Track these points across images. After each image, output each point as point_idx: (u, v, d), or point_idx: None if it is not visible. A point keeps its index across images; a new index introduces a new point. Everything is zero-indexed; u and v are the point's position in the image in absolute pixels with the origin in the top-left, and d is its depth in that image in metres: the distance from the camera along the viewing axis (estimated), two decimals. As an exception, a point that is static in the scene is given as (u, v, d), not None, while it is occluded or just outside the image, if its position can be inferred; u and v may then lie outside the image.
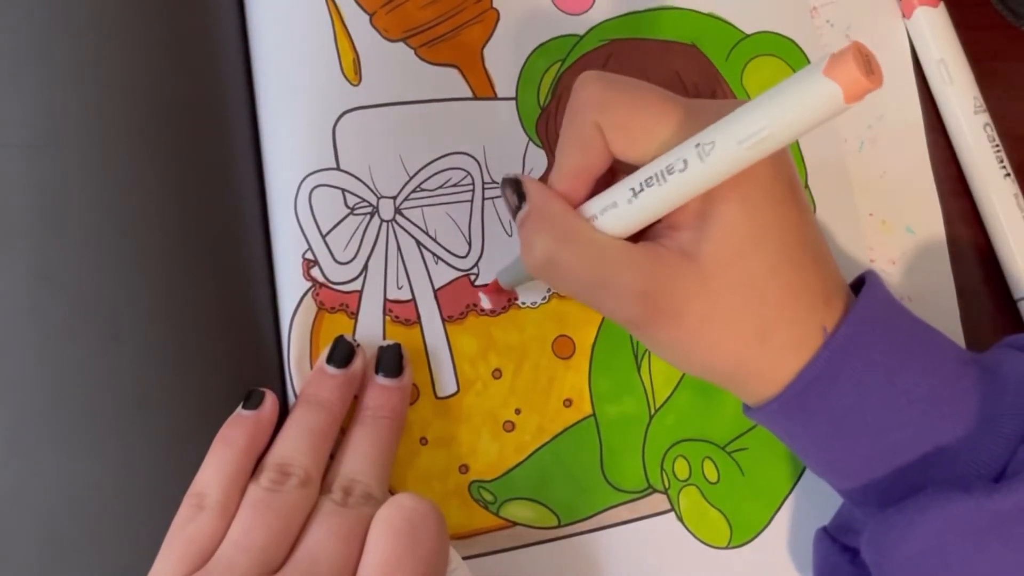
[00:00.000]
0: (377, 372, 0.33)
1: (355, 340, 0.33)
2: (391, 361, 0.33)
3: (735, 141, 0.25)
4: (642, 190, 0.27)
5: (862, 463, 0.29)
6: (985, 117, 0.38)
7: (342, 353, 0.32)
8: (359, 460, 0.31)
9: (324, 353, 0.32)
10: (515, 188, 0.30)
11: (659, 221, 0.29)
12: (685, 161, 0.26)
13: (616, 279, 0.28)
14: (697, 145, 0.26)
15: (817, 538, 0.32)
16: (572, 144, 0.29)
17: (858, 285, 0.31)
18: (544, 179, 0.30)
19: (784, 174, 0.29)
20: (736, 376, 0.29)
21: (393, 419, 0.32)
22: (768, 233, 0.28)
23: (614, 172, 0.30)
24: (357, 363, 0.32)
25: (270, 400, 0.31)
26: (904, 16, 0.40)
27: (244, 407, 0.31)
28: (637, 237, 0.29)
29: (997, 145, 0.38)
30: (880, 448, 0.28)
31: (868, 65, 0.22)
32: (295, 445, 0.30)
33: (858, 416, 0.28)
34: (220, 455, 0.29)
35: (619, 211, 0.28)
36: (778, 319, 0.28)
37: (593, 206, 0.29)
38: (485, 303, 0.35)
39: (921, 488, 0.27)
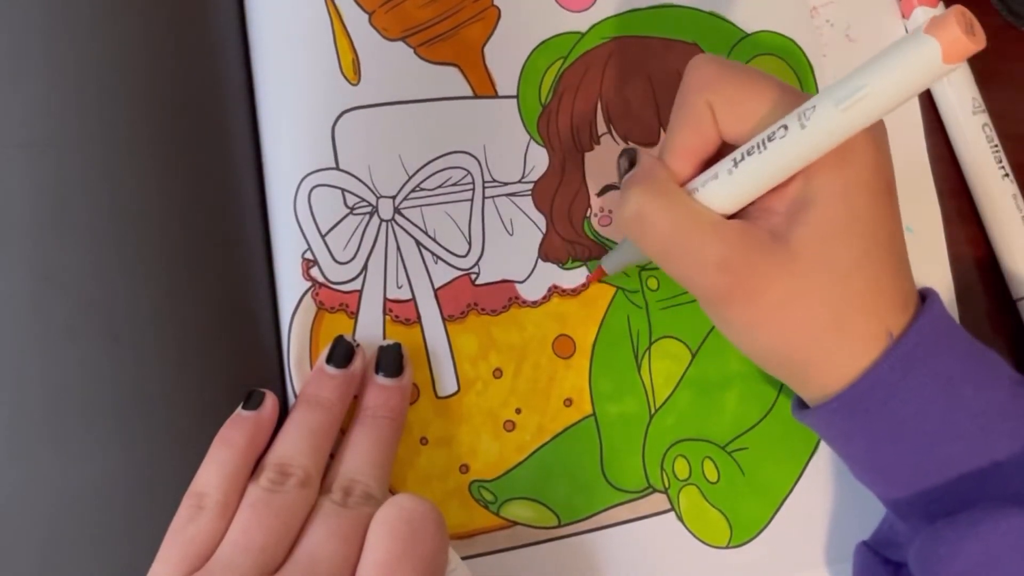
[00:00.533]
0: (377, 372, 0.33)
1: (355, 340, 0.33)
2: (391, 361, 0.33)
3: (833, 103, 0.25)
4: (743, 159, 0.28)
5: (915, 472, 0.29)
6: (984, 117, 0.38)
7: (342, 353, 0.32)
8: (359, 460, 0.31)
9: (324, 353, 0.32)
10: (630, 156, 0.31)
11: (755, 203, 0.29)
12: (785, 127, 0.26)
13: (701, 245, 0.28)
14: (799, 113, 0.26)
15: (858, 552, 0.33)
16: (683, 122, 0.30)
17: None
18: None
19: (884, 168, 0.29)
20: (800, 366, 0.29)
21: (393, 419, 0.32)
22: (862, 224, 0.28)
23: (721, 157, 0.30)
24: (357, 363, 0.32)
25: (270, 401, 0.31)
26: (903, 16, 0.40)
27: (244, 407, 0.31)
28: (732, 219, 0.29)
29: (996, 145, 0.38)
30: (935, 458, 0.28)
31: (971, 27, 0.23)
32: (295, 445, 0.30)
33: (916, 424, 0.28)
34: (220, 455, 0.29)
35: (719, 182, 0.28)
36: (856, 313, 0.28)
37: (696, 180, 0.30)
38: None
39: (972, 503, 0.27)
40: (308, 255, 0.34)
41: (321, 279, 0.34)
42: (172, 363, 0.31)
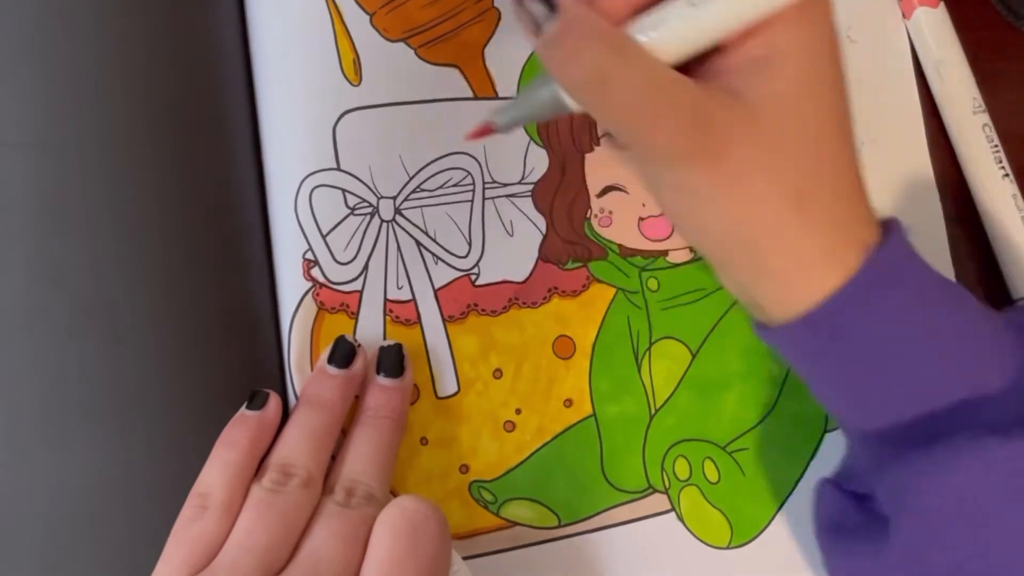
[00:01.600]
0: (378, 372, 0.33)
1: (356, 340, 0.33)
2: (392, 361, 0.33)
3: None
4: (702, 2, 0.25)
5: (889, 398, 0.27)
6: (984, 118, 0.38)
7: (343, 353, 0.32)
8: (361, 461, 0.31)
9: (325, 353, 0.32)
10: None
11: (707, 64, 0.26)
12: None
13: (669, 100, 0.25)
14: None
15: (820, 487, 0.31)
16: None
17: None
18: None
19: (837, 47, 0.26)
20: (760, 251, 0.26)
21: (394, 419, 0.32)
22: (828, 87, 0.26)
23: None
24: (358, 363, 0.32)
25: (274, 401, 0.31)
26: (904, 16, 0.40)
27: (248, 407, 0.31)
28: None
29: (996, 146, 0.38)
30: (911, 382, 0.27)
31: None
32: (297, 446, 0.30)
33: (891, 347, 0.26)
34: (223, 456, 0.29)
35: (671, 30, 0.25)
36: (821, 188, 0.26)
37: (639, 25, 0.25)
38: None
39: (950, 433, 0.26)
40: (309, 255, 0.34)
41: (322, 279, 0.34)
42: (172, 363, 0.31)
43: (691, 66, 0.26)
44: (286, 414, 0.32)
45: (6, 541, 0.29)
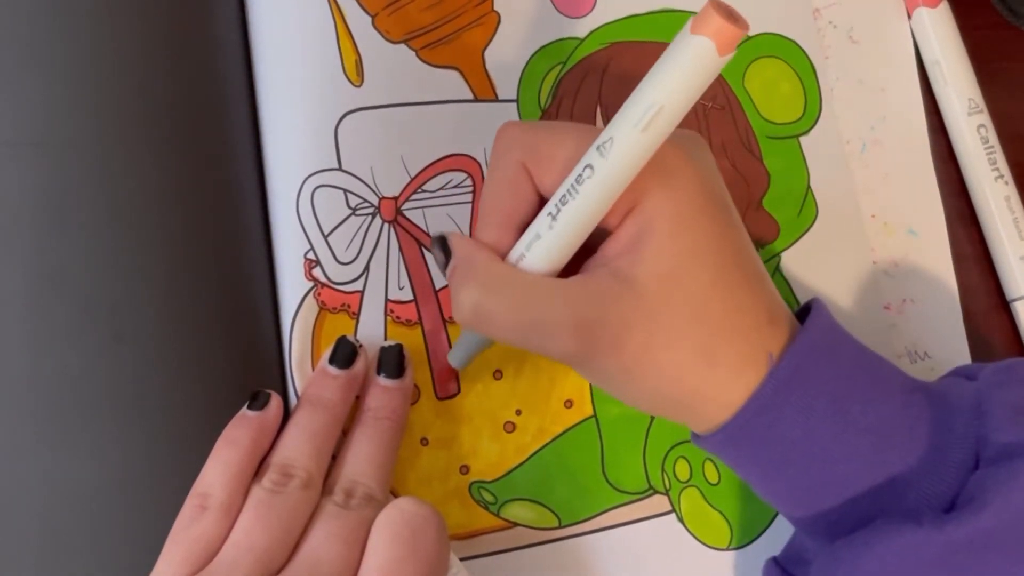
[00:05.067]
0: (379, 373, 0.33)
1: (357, 341, 0.33)
2: (393, 362, 0.33)
3: (630, 126, 0.25)
4: (559, 211, 0.27)
5: (810, 493, 0.28)
6: (979, 119, 0.38)
7: (344, 353, 0.32)
8: (361, 462, 0.31)
9: (326, 354, 0.33)
10: (441, 245, 0.30)
11: (593, 253, 0.28)
12: (591, 166, 0.26)
13: (548, 315, 0.27)
14: (598, 147, 0.25)
15: (766, 568, 0.32)
16: (499, 187, 0.29)
17: (802, 313, 0.30)
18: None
19: (713, 189, 0.28)
20: (684, 402, 0.29)
21: (394, 420, 0.32)
22: (705, 248, 0.27)
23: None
24: (359, 364, 0.32)
25: (275, 402, 0.31)
26: (908, 16, 0.40)
27: (249, 407, 0.31)
28: (572, 272, 0.29)
29: (991, 147, 0.38)
30: (828, 479, 0.28)
31: (731, 15, 0.23)
32: (297, 446, 0.30)
33: (805, 447, 0.28)
34: (224, 455, 0.29)
35: (543, 241, 0.28)
36: (723, 337, 0.27)
37: (519, 246, 0.28)
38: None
39: (871, 519, 0.27)
40: (310, 255, 0.34)
41: (323, 279, 0.34)
42: (174, 363, 0.31)
43: (584, 257, 0.29)
44: (287, 414, 0.32)
45: (5, 541, 0.29)
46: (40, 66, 0.30)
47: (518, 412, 0.35)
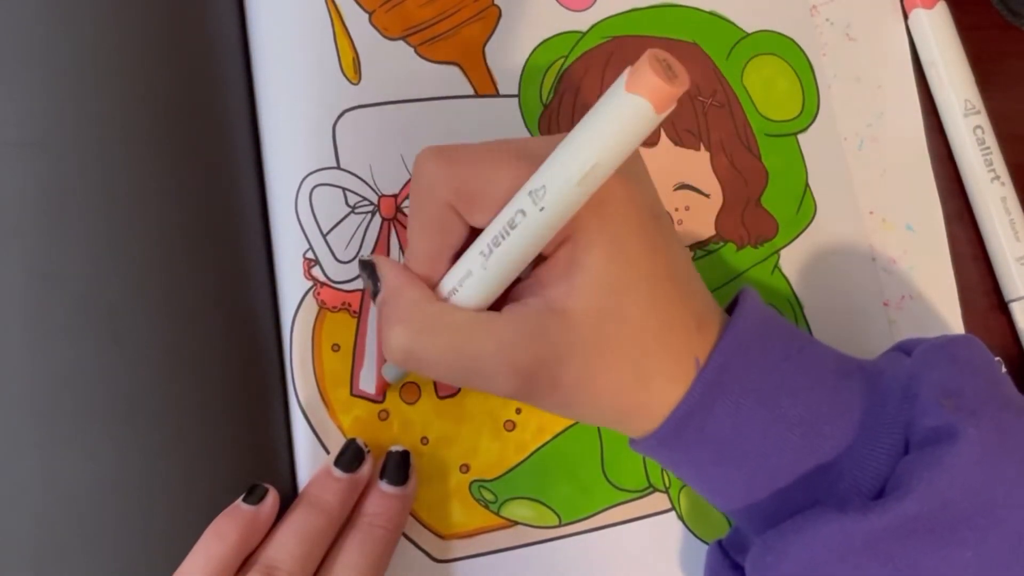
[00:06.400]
0: (382, 478, 0.32)
1: (365, 445, 0.32)
2: (396, 469, 0.32)
3: (563, 180, 0.24)
4: (491, 252, 0.26)
5: (744, 489, 0.28)
6: (976, 119, 0.38)
7: (351, 457, 0.31)
8: (348, 571, 0.30)
9: (332, 455, 0.32)
10: (370, 272, 0.29)
11: (529, 278, 0.28)
12: (523, 211, 0.25)
13: (482, 359, 0.27)
14: (530, 192, 0.25)
15: (710, 551, 0.32)
16: (427, 227, 0.28)
17: (733, 304, 0.30)
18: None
19: (645, 205, 0.28)
20: (620, 417, 0.29)
21: (389, 530, 0.31)
22: (639, 273, 0.27)
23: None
24: (365, 468, 0.32)
25: (271, 498, 0.30)
26: (905, 15, 0.40)
27: (244, 500, 0.30)
28: (507, 297, 0.28)
29: (987, 148, 0.38)
30: (760, 474, 0.28)
31: (669, 71, 0.22)
32: (288, 549, 0.29)
33: (737, 444, 0.28)
34: (209, 548, 0.29)
35: (475, 279, 0.27)
36: (656, 356, 0.27)
37: (450, 280, 0.28)
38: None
39: (806, 508, 0.27)
40: (309, 254, 0.33)
41: (323, 278, 0.33)
42: (172, 364, 0.31)
43: (522, 284, 0.28)
44: (287, 415, 0.32)
45: (2, 542, 0.29)
46: (40, 66, 0.30)
47: (518, 411, 0.35)
